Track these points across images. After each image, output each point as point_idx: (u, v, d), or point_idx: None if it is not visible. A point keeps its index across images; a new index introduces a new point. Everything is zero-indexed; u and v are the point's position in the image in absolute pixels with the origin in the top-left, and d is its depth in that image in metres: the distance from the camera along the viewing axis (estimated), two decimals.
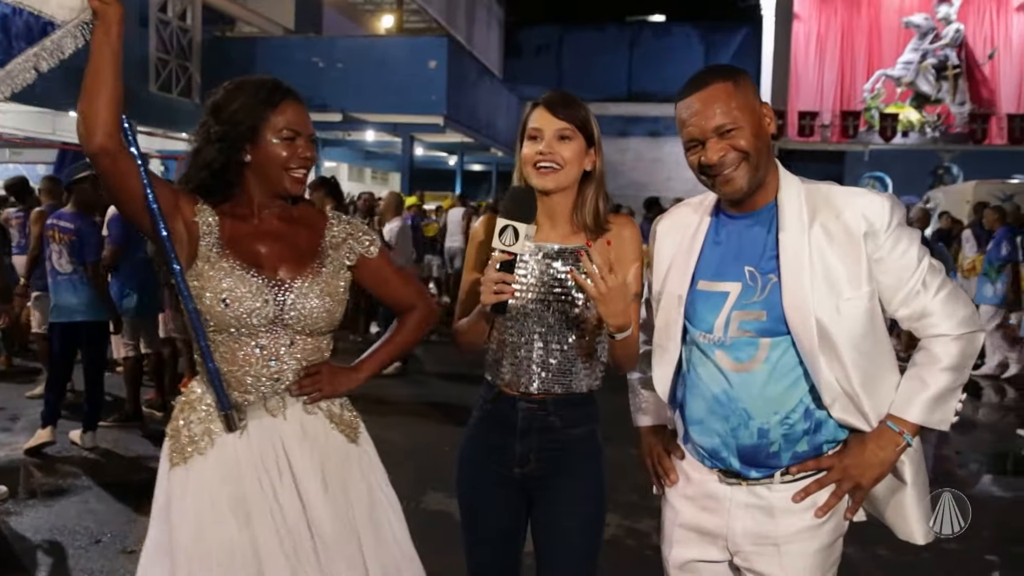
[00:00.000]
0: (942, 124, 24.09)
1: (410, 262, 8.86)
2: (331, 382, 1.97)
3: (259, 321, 1.86)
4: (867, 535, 1.91)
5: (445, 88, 16.16)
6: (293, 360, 1.93)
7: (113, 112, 1.68)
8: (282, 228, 1.97)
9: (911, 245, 1.76)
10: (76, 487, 4.66)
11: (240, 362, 1.88)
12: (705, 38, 29.98)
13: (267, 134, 1.89)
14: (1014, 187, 16.13)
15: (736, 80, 1.79)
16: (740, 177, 1.77)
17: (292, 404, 1.94)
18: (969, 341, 1.77)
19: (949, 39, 24.45)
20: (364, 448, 2.06)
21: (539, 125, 1.99)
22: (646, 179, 26.84)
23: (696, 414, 1.89)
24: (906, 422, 1.76)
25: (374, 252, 2.07)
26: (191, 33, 16.13)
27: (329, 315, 1.95)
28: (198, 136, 1.92)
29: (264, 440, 1.89)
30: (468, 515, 2.15)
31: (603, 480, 2.09)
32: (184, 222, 1.86)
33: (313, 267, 1.95)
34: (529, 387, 2.02)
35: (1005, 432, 6.66)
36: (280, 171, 1.91)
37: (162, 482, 1.91)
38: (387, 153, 22.03)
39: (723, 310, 1.81)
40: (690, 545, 1.93)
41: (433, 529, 4.11)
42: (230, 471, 1.86)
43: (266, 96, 1.89)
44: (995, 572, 3.93)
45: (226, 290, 1.84)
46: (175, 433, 1.92)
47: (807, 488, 1.80)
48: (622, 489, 4.37)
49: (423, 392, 7.23)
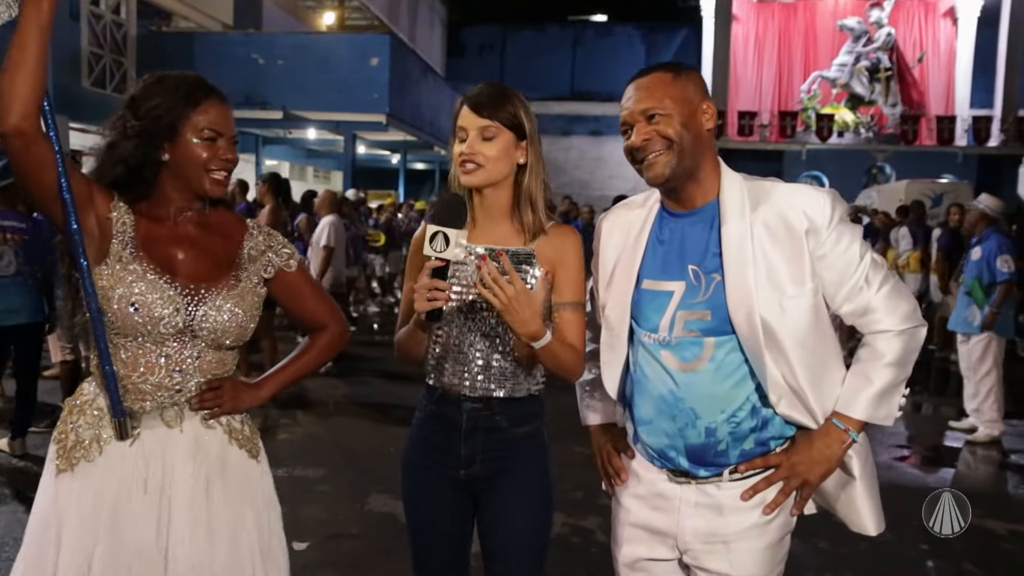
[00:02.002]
0: (875, 125, 24.80)
1: (346, 260, 8.77)
2: (233, 398, 1.90)
3: (167, 330, 1.78)
4: (808, 528, 1.94)
5: (388, 86, 16.04)
6: (198, 372, 1.85)
7: (34, 91, 1.59)
8: (199, 234, 1.89)
9: (853, 241, 1.78)
10: (4, 496, 4.49)
11: (141, 368, 1.80)
12: (646, 38, 30.33)
13: (187, 133, 1.80)
14: (943, 186, 16.70)
15: (677, 73, 1.81)
16: (663, 163, 1.78)
17: (190, 417, 1.86)
18: (912, 336, 1.80)
19: (881, 43, 25.18)
20: (263, 467, 1.99)
21: (463, 124, 1.98)
22: (588, 177, 27.07)
23: (644, 414, 1.89)
24: (851, 419, 1.78)
25: (293, 266, 2.00)
26: (126, 27, 15.72)
27: (241, 329, 1.87)
28: (113, 129, 1.82)
29: (154, 452, 1.81)
30: (414, 518, 2.12)
31: (550, 479, 2.08)
32: (97, 217, 1.78)
33: (229, 278, 1.88)
34: (473, 390, 2.00)
35: (939, 424, 6.85)
36: (200, 172, 1.82)
37: (47, 489, 1.81)
38: (329, 151, 21.81)
39: (668, 310, 1.82)
40: (639, 544, 1.93)
41: (378, 532, 4.09)
42: (115, 482, 1.77)
43: (187, 93, 1.81)
44: (927, 560, 4.05)
45: (136, 294, 1.76)
46: (62, 437, 1.83)
47: (755, 486, 1.81)
48: (567, 487, 4.38)
49: (365, 392, 7.16)
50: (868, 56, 25.20)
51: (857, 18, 25.41)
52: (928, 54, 25.59)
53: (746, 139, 23.94)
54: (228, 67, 14.95)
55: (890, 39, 25.20)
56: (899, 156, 24.10)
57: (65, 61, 13.54)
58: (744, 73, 25.94)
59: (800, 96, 25.45)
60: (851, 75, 25.20)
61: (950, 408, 7.24)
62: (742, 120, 24.32)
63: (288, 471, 4.93)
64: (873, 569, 3.91)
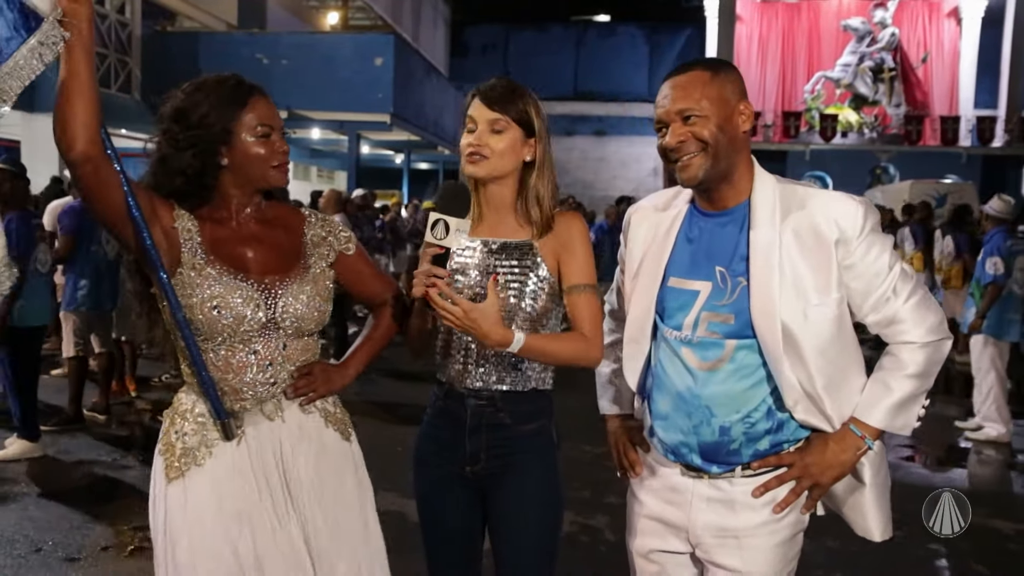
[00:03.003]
0: (879, 125, 24.76)
1: None
2: (325, 381, 1.96)
3: (252, 326, 1.83)
4: (817, 526, 1.95)
5: (391, 86, 16.03)
6: (287, 362, 1.90)
7: (95, 115, 1.61)
8: (262, 230, 1.93)
9: (883, 251, 1.77)
10: (14, 494, 4.51)
11: (235, 369, 1.84)
12: (650, 38, 30.31)
13: (242, 134, 1.83)
14: (947, 187, 16.66)
15: (716, 72, 1.79)
16: (697, 165, 1.78)
17: (289, 406, 1.92)
18: (936, 348, 1.79)
19: (885, 43, 25.14)
20: (355, 447, 2.06)
21: (473, 115, 1.99)
22: (591, 178, 27.05)
23: (661, 409, 1.90)
24: (868, 426, 1.78)
25: (352, 249, 2.06)
26: (130, 27, 15.74)
27: (320, 314, 1.93)
28: (163, 143, 1.84)
29: (263, 446, 1.86)
30: (426, 515, 2.12)
31: (557, 477, 2.07)
32: (163, 229, 1.80)
33: (299, 268, 1.93)
34: (476, 383, 2.00)
35: (946, 424, 6.84)
36: (264, 168, 1.87)
37: (159, 502, 1.85)
38: (333, 151, 21.79)
39: (693, 309, 1.82)
40: (653, 536, 1.94)
41: (386, 530, 4.08)
42: (231, 482, 1.82)
43: (232, 95, 1.84)
44: (935, 560, 4.05)
45: (216, 297, 1.79)
46: (168, 448, 1.86)
47: (767, 484, 1.82)
48: (576, 486, 4.39)
49: (374, 391, 7.16)
50: (872, 56, 25.18)
51: (861, 18, 25.38)
52: (932, 54, 25.56)
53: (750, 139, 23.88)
54: (232, 67, 14.67)
55: (894, 39, 25.17)
56: (903, 156, 24.06)
57: None
58: (748, 73, 25.88)
59: (804, 96, 25.44)
60: (855, 75, 25.17)
61: (958, 408, 7.22)
62: None
63: None
64: (881, 568, 3.91)
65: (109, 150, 1.69)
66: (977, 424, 6.39)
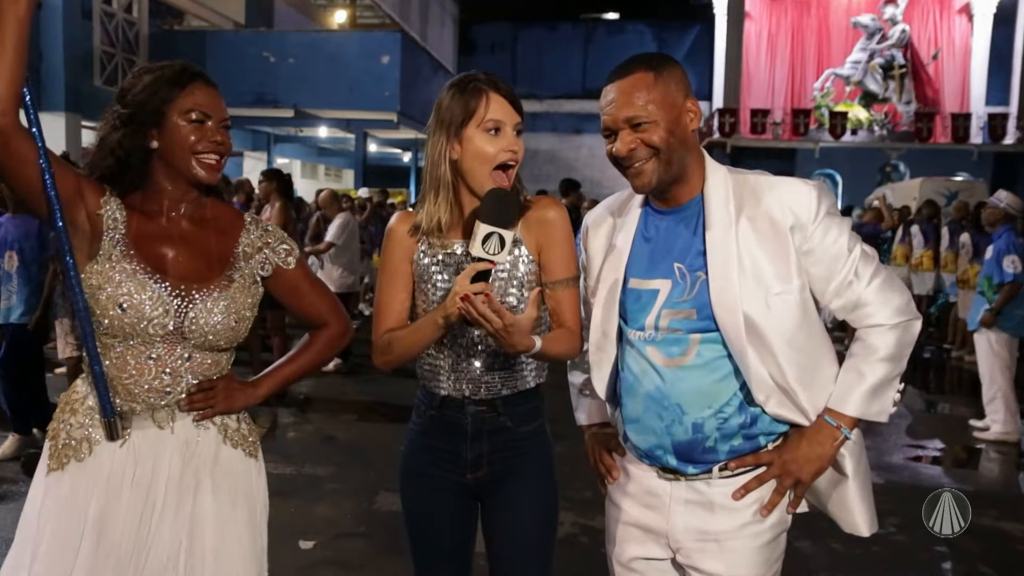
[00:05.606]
0: (889, 122, 24.63)
1: (356, 259, 8.76)
2: (227, 398, 1.84)
3: (156, 331, 1.73)
4: (821, 529, 1.90)
5: (399, 84, 16.05)
6: (189, 374, 1.80)
7: (10, 85, 1.54)
8: (192, 231, 1.83)
9: (841, 234, 1.74)
10: (12, 494, 4.50)
11: (131, 371, 1.75)
12: (658, 36, 30.18)
13: (173, 116, 1.74)
14: (958, 184, 16.55)
15: (659, 71, 1.75)
16: (650, 171, 1.75)
17: (182, 418, 1.81)
18: (905, 329, 1.76)
19: (895, 39, 24.99)
20: (260, 465, 1.95)
21: (501, 117, 1.86)
22: (599, 176, 26.95)
23: (632, 413, 1.86)
24: (844, 416, 1.75)
25: (291, 263, 1.93)
26: (138, 26, 15.79)
27: (233, 332, 1.82)
28: (105, 123, 1.78)
29: (147, 454, 1.77)
30: (417, 526, 2.05)
31: (554, 476, 2.04)
32: (87, 213, 1.73)
33: (222, 278, 1.82)
34: (477, 391, 1.94)
35: (954, 424, 6.78)
36: (188, 156, 1.76)
37: (37, 487, 1.79)
38: (340, 150, 21.84)
39: (654, 308, 1.79)
40: (633, 543, 1.90)
41: (386, 531, 4.06)
42: (103, 483, 1.74)
43: (172, 77, 1.75)
44: (942, 562, 3.99)
45: (124, 294, 1.71)
46: (54, 435, 1.80)
47: (747, 485, 1.78)
48: (578, 486, 4.34)
49: (374, 390, 7.14)
50: (882, 53, 25.02)
51: (871, 15, 25.23)
52: (943, 51, 25.38)
53: (759, 137, 23.81)
54: (240, 65, 15.02)
55: (904, 36, 25.01)
56: (913, 154, 23.92)
57: (77, 59, 13.61)
58: (757, 71, 25.81)
59: (813, 94, 25.30)
60: (865, 72, 25.02)
61: (966, 408, 7.16)
62: (755, 118, 24.16)
63: (296, 469, 4.93)
64: (887, 570, 3.86)
65: (34, 127, 1.63)
66: (987, 423, 6.33)
